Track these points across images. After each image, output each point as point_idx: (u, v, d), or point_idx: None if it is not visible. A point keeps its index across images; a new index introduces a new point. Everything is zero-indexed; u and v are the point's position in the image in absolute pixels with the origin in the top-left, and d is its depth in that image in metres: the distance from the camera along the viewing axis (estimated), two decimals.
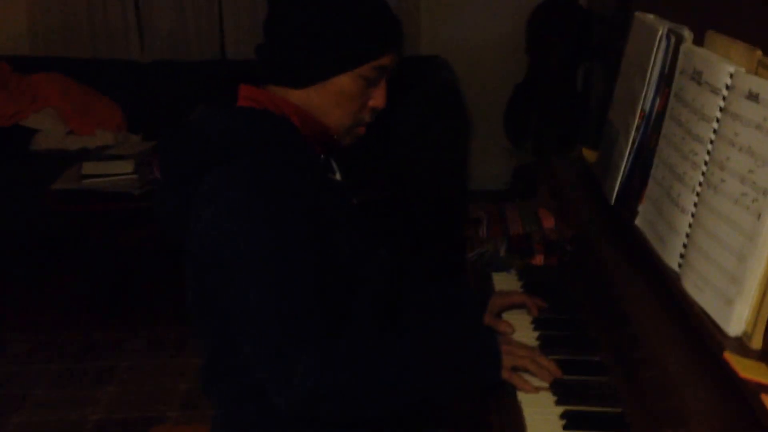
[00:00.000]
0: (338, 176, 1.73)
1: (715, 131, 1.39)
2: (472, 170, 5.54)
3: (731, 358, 1.16)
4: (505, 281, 2.07)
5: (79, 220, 4.10)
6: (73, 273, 4.40)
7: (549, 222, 2.26)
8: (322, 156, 1.68)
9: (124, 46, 5.43)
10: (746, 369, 1.12)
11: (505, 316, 1.88)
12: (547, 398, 1.55)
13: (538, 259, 2.20)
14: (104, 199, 3.90)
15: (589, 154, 2.24)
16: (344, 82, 1.57)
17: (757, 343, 1.20)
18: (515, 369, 1.59)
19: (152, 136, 4.79)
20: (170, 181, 1.60)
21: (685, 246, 1.45)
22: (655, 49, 1.73)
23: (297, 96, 1.59)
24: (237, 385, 1.61)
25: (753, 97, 1.27)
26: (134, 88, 5.17)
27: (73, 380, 3.46)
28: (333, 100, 1.58)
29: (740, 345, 1.22)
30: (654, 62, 1.74)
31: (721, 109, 1.38)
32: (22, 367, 3.57)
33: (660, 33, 1.73)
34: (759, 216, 1.20)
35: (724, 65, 1.39)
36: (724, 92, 1.37)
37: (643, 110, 1.77)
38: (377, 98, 1.61)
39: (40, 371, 3.53)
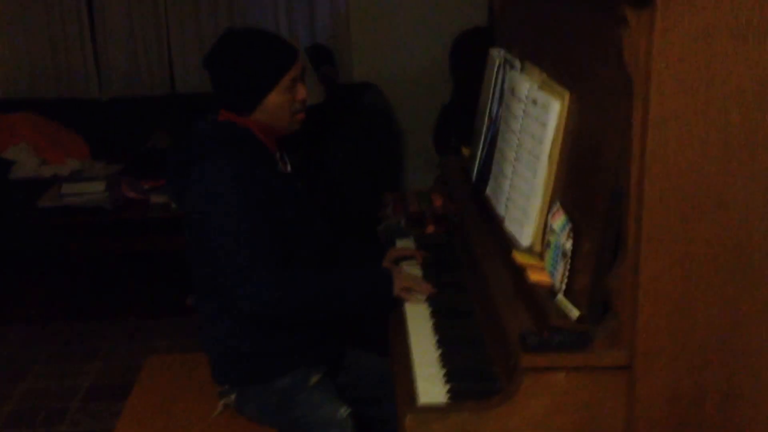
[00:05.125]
0: (289, 168, 2.47)
1: (520, 126, 2.17)
2: (405, 183, 6.05)
3: (515, 254, 1.94)
4: (405, 245, 2.83)
5: (61, 232, 4.71)
6: (59, 277, 5.04)
7: (438, 202, 3.03)
8: (278, 153, 2.41)
9: (84, 86, 6.00)
10: (521, 258, 1.91)
11: (404, 265, 2.62)
12: (424, 306, 2.32)
13: (430, 229, 2.97)
14: (81, 213, 4.53)
15: (467, 151, 3.00)
16: (273, 97, 2.30)
17: (537, 249, 1.98)
18: (404, 290, 2.36)
19: (114, 162, 5.41)
20: (171, 170, 2.34)
21: (507, 199, 2.23)
22: (495, 73, 2.52)
23: (251, 117, 2.33)
24: (215, 302, 2.34)
25: (534, 102, 2.06)
26: (95, 122, 5.77)
27: (65, 359, 4.11)
28: (272, 111, 2.31)
29: (530, 251, 2.01)
30: (495, 82, 2.52)
31: (523, 111, 2.16)
32: (21, 350, 4.22)
33: (498, 62, 2.51)
34: (535, 172, 1.98)
35: (524, 83, 2.16)
36: (524, 100, 2.15)
37: (490, 116, 2.55)
38: (299, 93, 2.32)
39: (37, 353, 4.18)
